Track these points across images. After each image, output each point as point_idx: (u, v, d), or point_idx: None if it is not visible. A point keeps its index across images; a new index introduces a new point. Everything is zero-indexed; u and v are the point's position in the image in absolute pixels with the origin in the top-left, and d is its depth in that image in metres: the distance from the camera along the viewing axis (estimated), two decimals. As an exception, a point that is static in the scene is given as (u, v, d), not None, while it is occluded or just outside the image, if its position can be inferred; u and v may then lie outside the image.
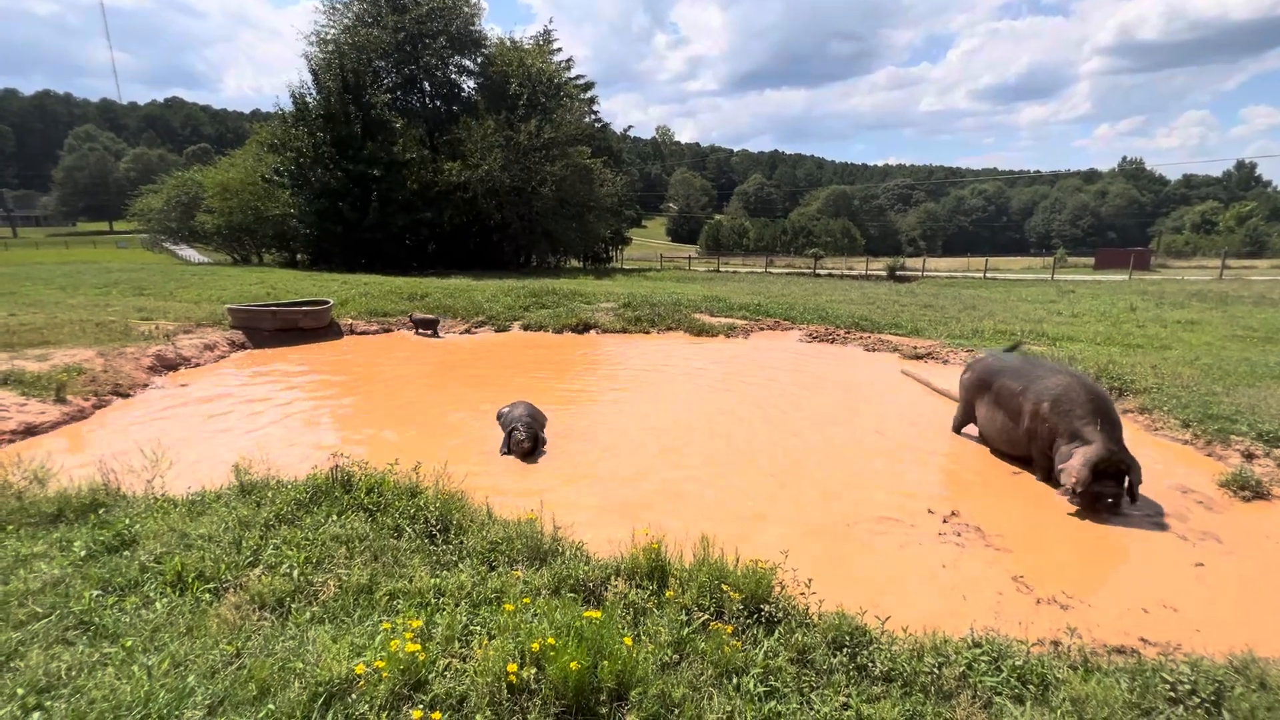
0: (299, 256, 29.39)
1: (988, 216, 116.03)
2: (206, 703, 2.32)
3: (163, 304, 13.70)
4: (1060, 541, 4.59)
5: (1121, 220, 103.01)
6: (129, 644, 2.63)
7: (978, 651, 2.95)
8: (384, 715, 2.31)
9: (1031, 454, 5.59)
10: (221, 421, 7.02)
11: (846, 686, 2.66)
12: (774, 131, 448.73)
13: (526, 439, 5.93)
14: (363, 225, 25.98)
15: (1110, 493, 4.71)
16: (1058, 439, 5.15)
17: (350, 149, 25.56)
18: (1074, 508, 4.92)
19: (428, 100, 32.45)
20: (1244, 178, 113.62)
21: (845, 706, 2.53)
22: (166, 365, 9.26)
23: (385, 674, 2.42)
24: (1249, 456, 5.82)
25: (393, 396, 8.27)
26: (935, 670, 2.79)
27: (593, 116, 36.22)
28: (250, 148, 32.00)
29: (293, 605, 3.03)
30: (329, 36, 29.19)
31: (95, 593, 3.05)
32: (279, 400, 8.02)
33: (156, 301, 14.10)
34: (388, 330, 13.17)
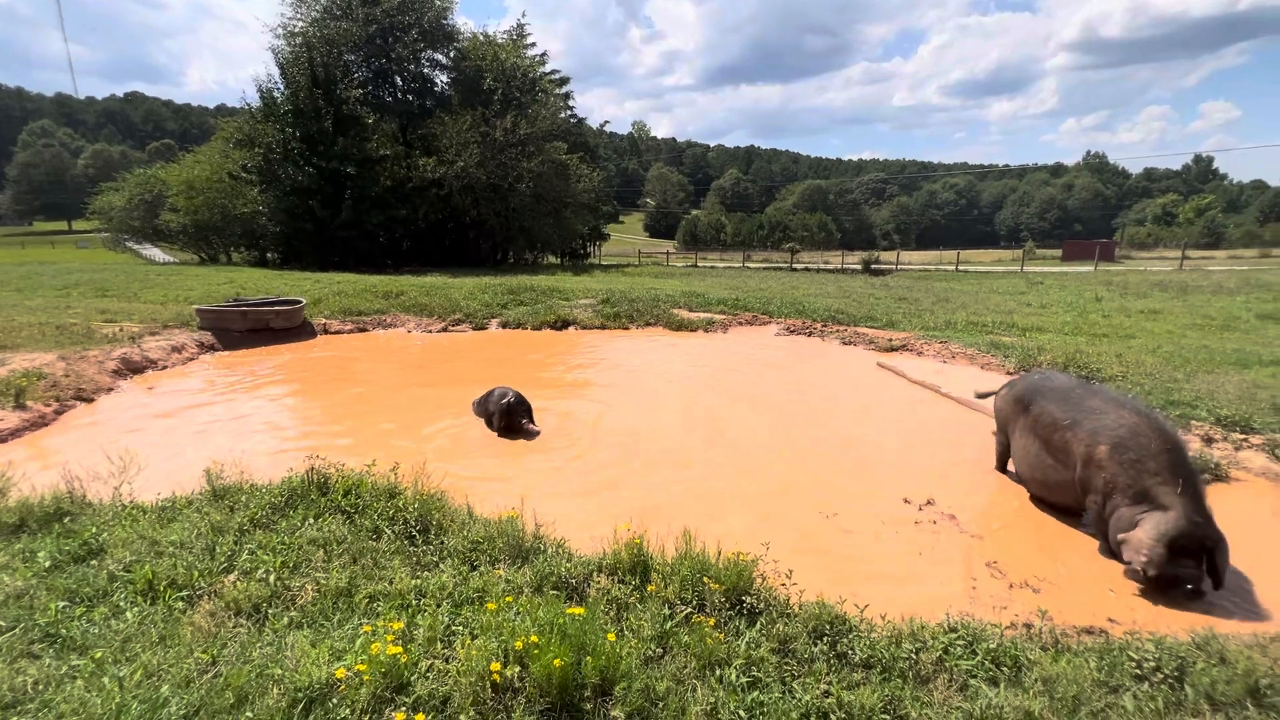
0: (269, 255, 28.74)
1: (959, 210, 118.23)
2: (182, 713, 2.27)
3: (127, 305, 13.31)
4: (1032, 527, 4.71)
5: (1087, 213, 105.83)
6: (99, 655, 2.56)
7: (953, 636, 3.02)
8: (366, 719, 2.28)
9: (1084, 507, 4.43)
10: (191, 425, 6.85)
11: (827, 674, 2.70)
12: (750, 126, 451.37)
13: (522, 412, 6.49)
14: (335, 223, 25.49)
15: (1189, 575, 3.65)
16: (1116, 495, 4.02)
17: (321, 145, 25.04)
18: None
19: (400, 95, 31.92)
20: (1202, 171, 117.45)
21: (826, 694, 2.57)
22: (132, 369, 9.00)
23: (366, 677, 2.40)
24: (1208, 441, 6.03)
25: (369, 397, 8.16)
26: (913, 655, 2.85)
27: (568, 112, 36.00)
28: (216, 144, 31.18)
29: (270, 611, 2.98)
30: (296, 29, 28.51)
31: (62, 604, 2.96)
32: (251, 402, 7.85)
33: (120, 303, 13.69)
34: (363, 330, 12.96)
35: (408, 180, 27.62)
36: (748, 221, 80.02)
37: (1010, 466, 5.48)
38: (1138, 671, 2.79)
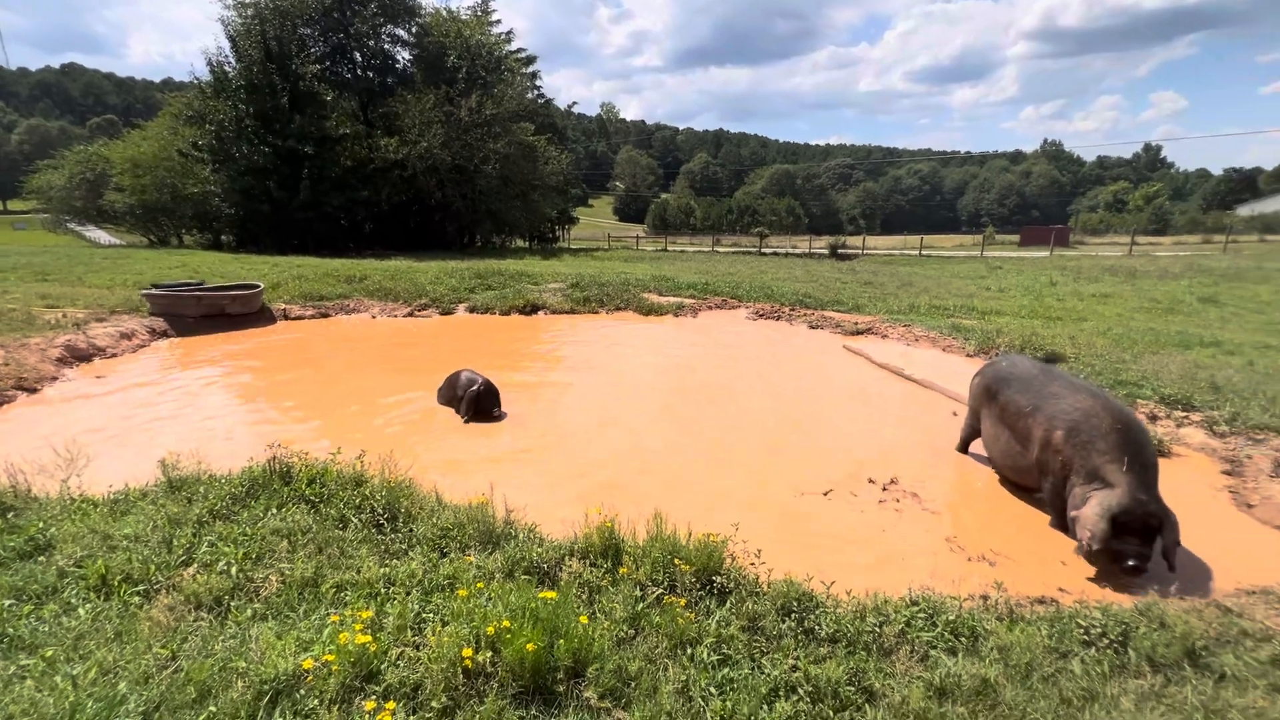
0: (223, 238, 27.65)
1: (923, 195, 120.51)
2: (141, 710, 2.21)
3: (70, 290, 12.66)
4: (989, 504, 4.90)
5: (1044, 199, 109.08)
6: (49, 654, 2.47)
7: (915, 609, 3.12)
8: (335, 709, 2.26)
9: (1043, 490, 4.58)
10: (144, 415, 6.59)
11: (795, 650, 2.77)
12: (718, 109, 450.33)
13: (492, 400, 6.51)
14: (293, 204, 24.62)
15: (1132, 552, 3.72)
16: (1072, 477, 4.18)
17: (277, 123, 24.07)
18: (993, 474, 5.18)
19: (360, 71, 30.82)
20: (1151, 159, 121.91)
21: (794, 668, 2.64)
22: (78, 356, 8.59)
23: (335, 667, 2.37)
24: (1153, 418, 6.33)
25: (333, 384, 7.96)
26: (877, 629, 2.95)
27: (535, 92, 35.35)
28: (164, 120, 29.69)
29: (232, 603, 2.91)
30: (248, 0, 27.21)
31: (8, 602, 2.84)
32: (207, 391, 7.59)
33: (63, 288, 13.00)
34: (325, 315, 12.62)
35: (369, 161, 26.81)
36: (717, 206, 80.00)
37: (972, 449, 5.67)
38: (1085, 637, 2.94)
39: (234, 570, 3.12)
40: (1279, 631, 3.03)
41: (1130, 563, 3.72)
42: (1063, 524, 4.34)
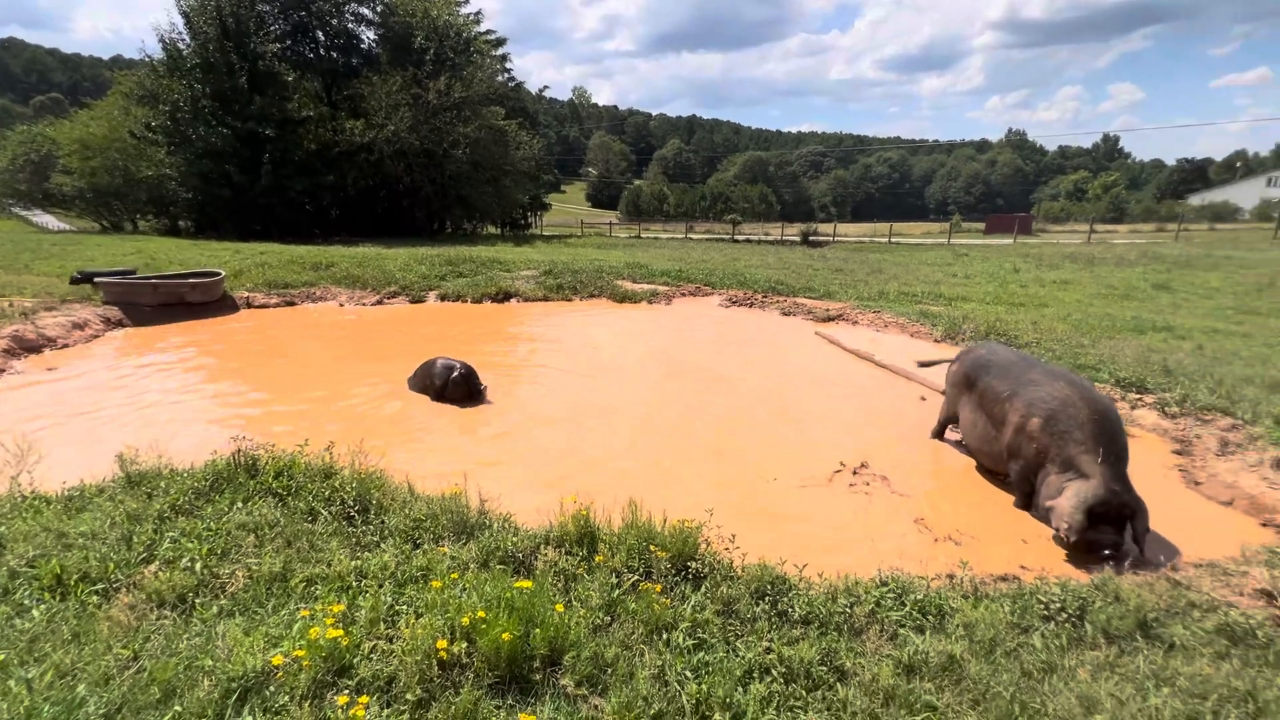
0: (181, 223, 26.65)
1: (892, 184, 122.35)
2: (102, 712, 2.14)
3: (16, 278, 12.08)
4: (956, 486, 5.03)
5: (1008, 187, 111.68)
6: (1, 658, 2.38)
7: (884, 590, 3.20)
8: (306, 704, 2.22)
9: (1010, 472, 4.64)
10: (99, 408, 6.34)
11: (769, 632, 2.82)
12: (691, 95, 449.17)
13: (476, 380, 6.52)
14: (254, 189, 23.83)
15: (1107, 541, 3.80)
16: (1046, 465, 4.24)
17: (236, 104, 23.20)
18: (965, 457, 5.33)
19: (323, 52, 29.80)
20: (1109, 149, 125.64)
21: (768, 650, 2.68)
22: (27, 347, 8.22)
23: (306, 662, 2.33)
24: (1110, 401, 6.56)
25: (300, 375, 7.77)
26: (848, 610, 3.01)
27: (506, 75, 34.72)
28: (114, 99, 28.41)
29: (196, 600, 2.84)
30: (201, -26, 26.00)
31: (-45, 605, 2.72)
32: (166, 383, 7.33)
33: (8, 275, 12.41)
34: (291, 304, 12.28)
35: (334, 144, 26.04)
36: (690, 193, 79.99)
37: (947, 435, 5.78)
38: (1045, 613, 3.05)
39: (198, 566, 3.04)
40: (1224, 602, 3.19)
41: (1106, 552, 3.79)
42: (1027, 505, 4.47)
